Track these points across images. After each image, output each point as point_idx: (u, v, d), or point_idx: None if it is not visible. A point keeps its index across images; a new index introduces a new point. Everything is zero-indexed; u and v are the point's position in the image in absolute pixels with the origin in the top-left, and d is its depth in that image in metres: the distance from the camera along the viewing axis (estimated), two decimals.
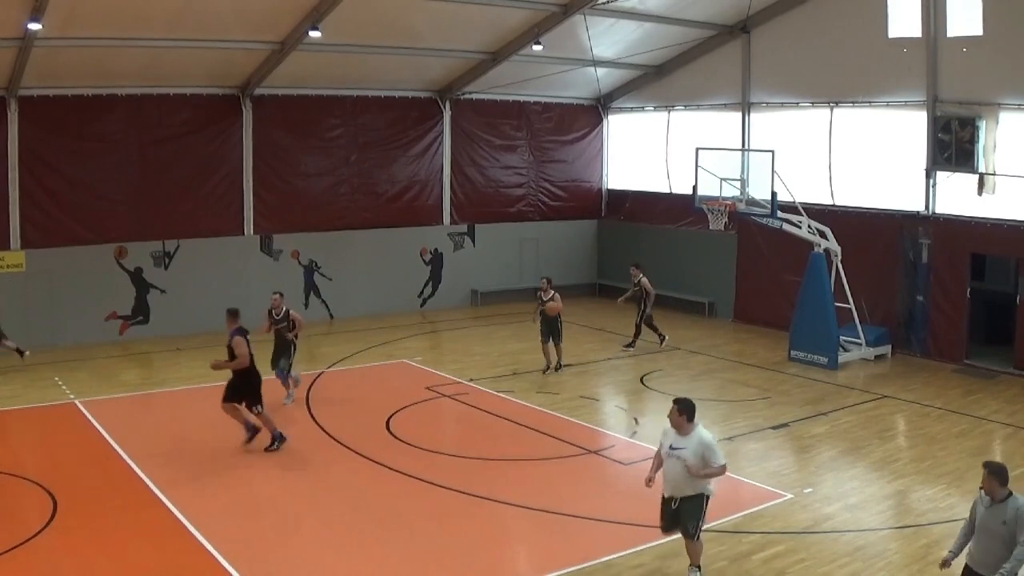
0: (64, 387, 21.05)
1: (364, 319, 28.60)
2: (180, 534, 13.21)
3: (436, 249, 30.61)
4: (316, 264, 28.59)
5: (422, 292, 30.54)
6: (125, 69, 24.90)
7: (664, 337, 25.16)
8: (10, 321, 23.89)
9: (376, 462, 16.30)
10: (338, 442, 17.48)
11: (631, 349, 25.13)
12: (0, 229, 25.00)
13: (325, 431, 18.18)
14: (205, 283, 26.84)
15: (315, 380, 21.85)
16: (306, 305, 28.27)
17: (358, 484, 15.45)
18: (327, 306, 28.90)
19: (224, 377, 16.97)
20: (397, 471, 15.81)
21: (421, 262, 30.42)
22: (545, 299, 22.45)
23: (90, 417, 18.82)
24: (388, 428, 18.25)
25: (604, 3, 24.29)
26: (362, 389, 21.76)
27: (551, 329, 22.54)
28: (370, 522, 13.84)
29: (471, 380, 21.75)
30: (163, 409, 20.06)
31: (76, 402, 19.85)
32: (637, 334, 25.06)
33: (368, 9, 23.34)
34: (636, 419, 19.31)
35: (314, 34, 23.36)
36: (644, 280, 24.63)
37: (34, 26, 20.83)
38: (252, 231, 27.73)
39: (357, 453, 16.80)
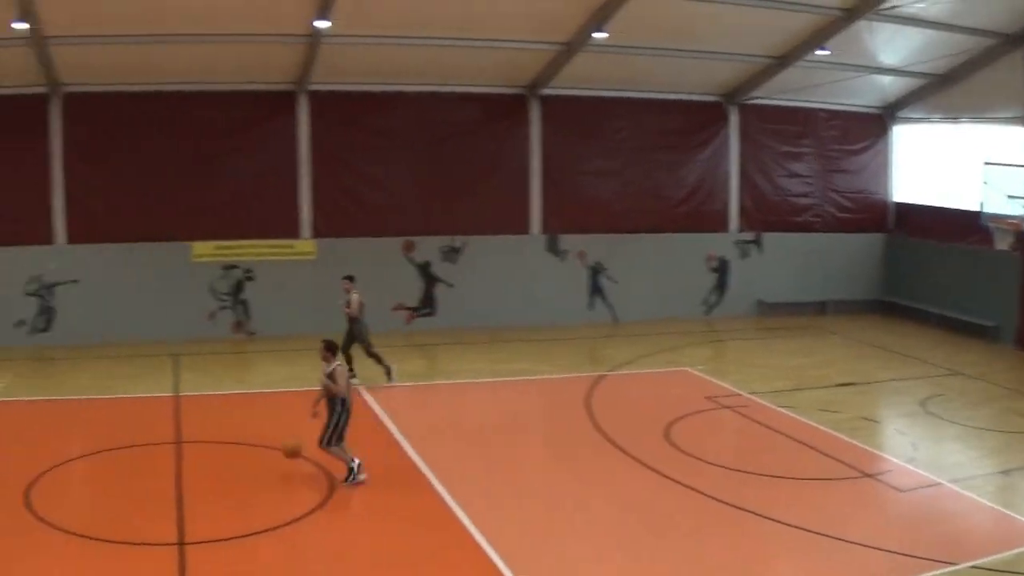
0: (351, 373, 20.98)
1: (647, 324, 27.96)
2: (450, 523, 13.09)
3: (722, 256, 29.41)
4: (602, 266, 28.01)
5: (707, 299, 29.39)
6: (411, 67, 25.38)
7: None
8: (298, 307, 24.50)
9: (651, 468, 15.74)
10: (614, 445, 17.02)
11: None
12: (292, 218, 26.00)
13: (603, 433, 17.72)
14: (491, 280, 26.96)
15: (597, 382, 21.42)
16: (591, 307, 27.89)
17: (631, 488, 14.95)
18: (612, 309, 28.12)
19: None
20: (671, 479, 15.22)
21: (706, 268, 29.31)
22: None
23: (372, 404, 19.10)
24: (666, 436, 17.57)
25: (888, 8, 22.85)
26: (642, 394, 21.27)
27: None
28: (639, 527, 13.34)
29: (752, 393, 20.77)
30: (443, 401, 20.18)
31: (360, 388, 20.00)
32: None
33: (652, 11, 22.87)
34: (914, 445, 17.74)
35: (599, 35, 23.13)
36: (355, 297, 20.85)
37: (322, 24, 21.43)
38: (539, 230, 27.24)
39: (632, 457, 16.28)
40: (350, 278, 20.69)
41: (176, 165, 25.59)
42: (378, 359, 20.64)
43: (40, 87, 25.07)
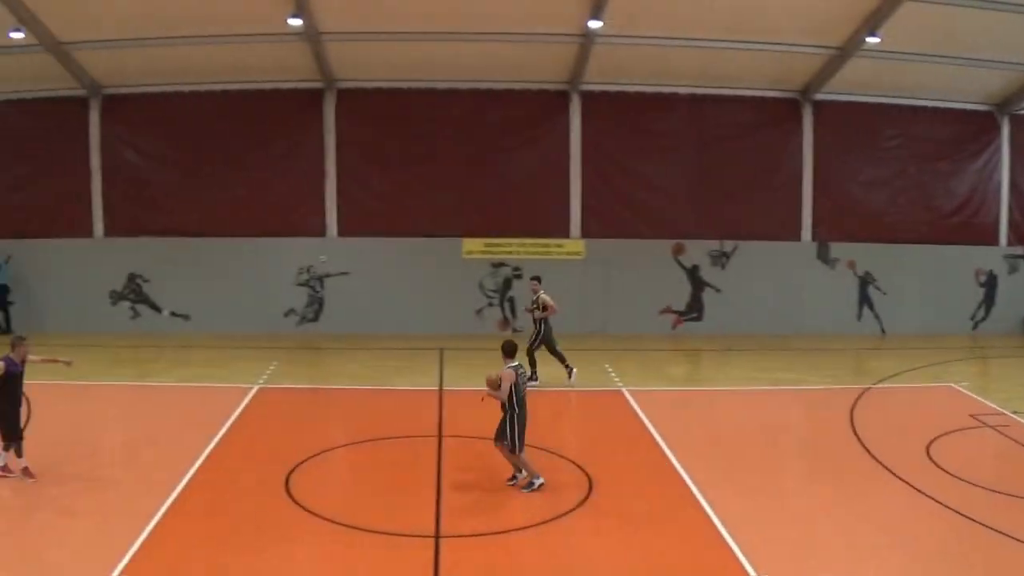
0: (613, 374, 21.08)
1: (914, 337, 26.93)
2: (708, 532, 12.37)
3: (991, 271, 28.22)
4: (871, 276, 27.15)
5: (974, 314, 28.17)
6: (684, 69, 25.03)
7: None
8: (565, 306, 24.20)
9: (912, 486, 14.63)
10: (876, 460, 15.98)
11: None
12: (561, 217, 25.69)
13: (864, 447, 16.72)
14: (759, 286, 26.32)
15: (861, 395, 20.37)
16: (859, 317, 27.11)
17: (891, 508, 13.87)
18: (879, 320, 27.23)
19: None
20: (932, 498, 14.07)
21: (974, 283, 28.08)
22: None
23: (635, 406, 18.57)
24: (927, 453, 16.45)
25: None
26: (905, 409, 20.10)
27: None
28: (898, 552, 12.19)
29: (1015, 412, 19.37)
30: (706, 407, 19.56)
31: (623, 390, 19.73)
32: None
33: (924, 17, 22.15)
34: None
35: (872, 40, 22.48)
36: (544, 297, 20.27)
37: (595, 24, 21.30)
38: (809, 237, 26.53)
39: (893, 474, 15.20)
40: (537, 279, 20.42)
41: (448, 161, 25.81)
42: (562, 359, 20.20)
43: (315, 82, 25.53)
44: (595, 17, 21.33)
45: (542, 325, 19.92)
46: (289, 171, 26.03)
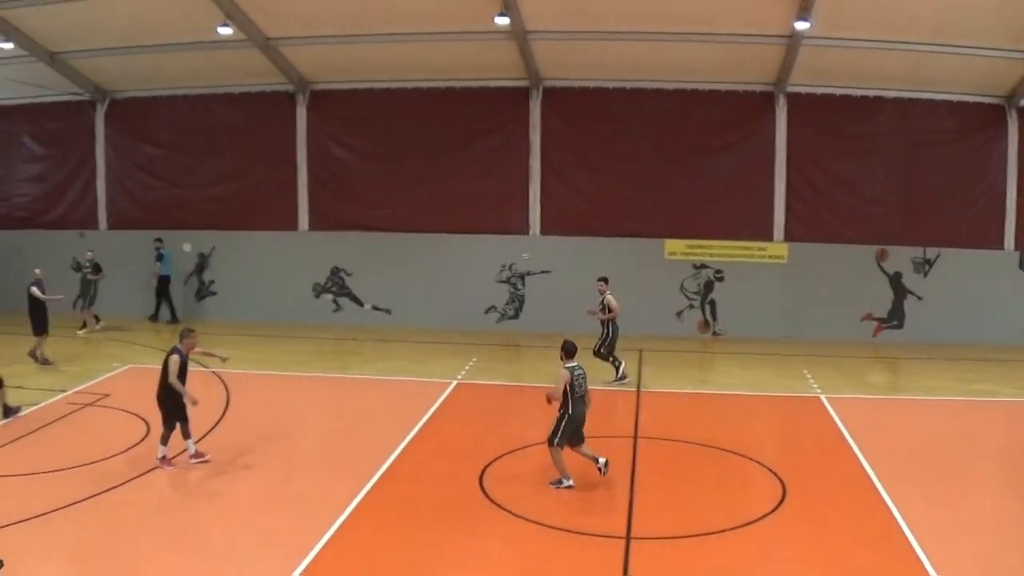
0: (812, 380, 20.89)
1: None
2: (899, 544, 12.10)
3: None
4: None
5: None
6: (891, 72, 24.60)
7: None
8: (766, 311, 24.62)
9: None
10: None
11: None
12: (764, 220, 25.58)
13: None
14: (961, 295, 25.84)
15: None
16: None
17: None
18: None
19: None
20: None
21: None
22: None
23: (832, 413, 18.35)
24: None
25: None
26: None
27: None
28: None
29: None
30: (902, 415, 19.16)
31: (821, 396, 19.54)
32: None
33: None
34: None
35: None
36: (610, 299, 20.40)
37: (802, 25, 21.11)
38: (1012, 246, 26.18)
39: None
40: (604, 280, 20.50)
41: (651, 161, 25.87)
42: (615, 362, 20.27)
43: (521, 81, 25.68)
44: (802, 18, 21.08)
45: (609, 327, 20.10)
46: (494, 168, 26.36)
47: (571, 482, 13.73)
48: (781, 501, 13.46)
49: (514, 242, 26.24)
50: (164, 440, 14.73)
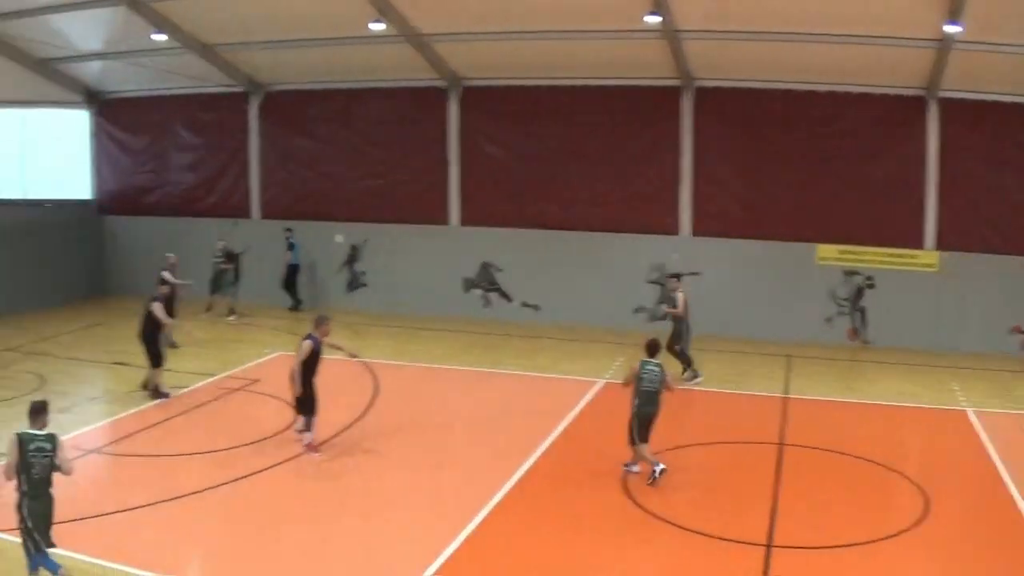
0: (960, 394, 20.64)
1: None
2: None
3: None
4: None
5: None
6: None
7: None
8: (917, 320, 24.75)
9: None
10: None
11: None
12: (916, 227, 25.38)
13: None
14: None
15: None
16: None
17: None
18: None
19: None
20: None
21: None
22: None
23: (979, 428, 18.08)
24: None
25: None
26: None
27: None
28: None
29: None
30: None
31: (968, 411, 19.26)
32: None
33: None
34: None
35: None
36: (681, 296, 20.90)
37: (952, 28, 20.65)
38: None
39: None
40: (676, 276, 20.61)
41: (802, 164, 25.68)
42: (688, 361, 20.49)
43: (673, 80, 25.70)
44: (952, 21, 20.65)
45: (680, 324, 20.35)
46: (645, 168, 26.47)
47: (662, 466, 14.14)
48: (923, 516, 13.44)
49: (664, 242, 26.31)
50: (308, 426, 15.18)
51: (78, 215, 31.08)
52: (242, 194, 29.85)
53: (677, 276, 21.28)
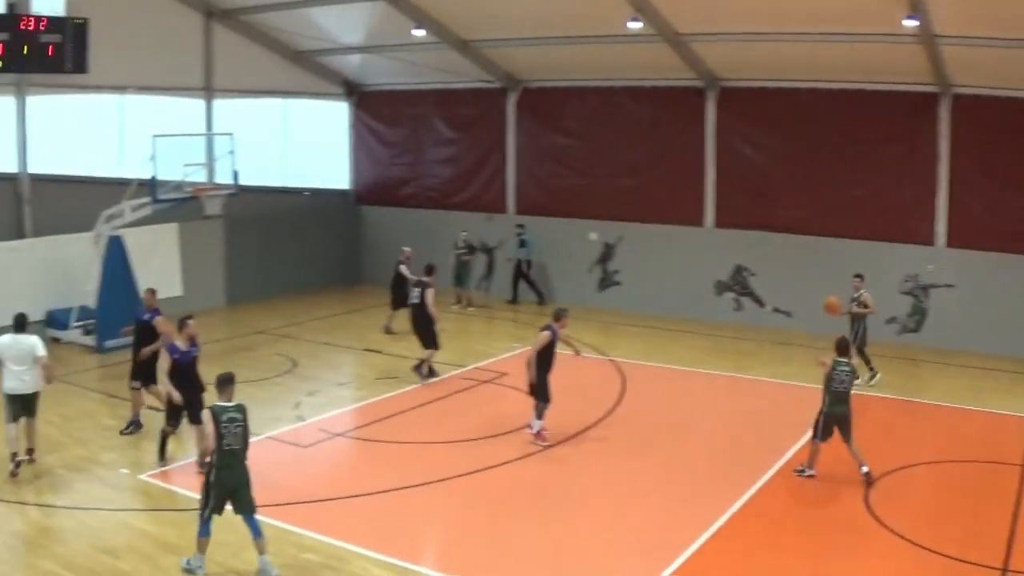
0: None
1: None
2: None
3: None
4: None
5: None
6: None
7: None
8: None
9: None
10: None
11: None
12: None
13: None
14: None
15: None
16: None
17: None
18: None
19: None
20: None
21: None
22: None
23: None
24: None
25: None
26: None
27: None
28: None
29: None
30: None
31: None
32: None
33: None
34: None
35: None
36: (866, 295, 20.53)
37: None
38: None
39: None
40: (860, 276, 20.15)
41: None
42: (867, 361, 20.17)
43: (930, 86, 24.83)
44: None
45: (860, 324, 19.92)
46: (901, 175, 25.64)
47: (812, 471, 14.60)
48: None
49: (919, 253, 25.52)
50: (539, 414, 15.35)
51: (336, 205, 32.38)
52: (498, 189, 30.64)
53: (860, 276, 21.08)
